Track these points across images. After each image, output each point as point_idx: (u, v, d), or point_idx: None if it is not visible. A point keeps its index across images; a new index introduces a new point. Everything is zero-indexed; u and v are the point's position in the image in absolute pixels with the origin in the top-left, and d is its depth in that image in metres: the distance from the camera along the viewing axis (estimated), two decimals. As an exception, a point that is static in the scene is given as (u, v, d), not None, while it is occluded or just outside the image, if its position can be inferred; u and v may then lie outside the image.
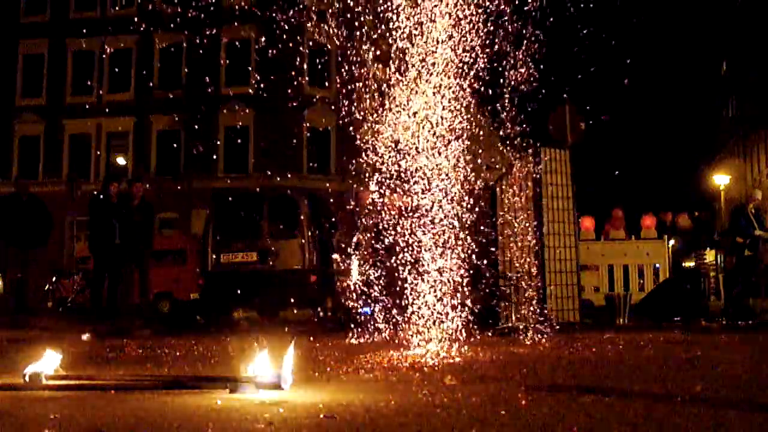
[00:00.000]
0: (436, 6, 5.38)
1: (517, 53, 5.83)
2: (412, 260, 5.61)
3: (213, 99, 30.57)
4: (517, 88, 5.86)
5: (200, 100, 30.11)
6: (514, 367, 4.06)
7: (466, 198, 5.50)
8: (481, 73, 5.50)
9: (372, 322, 6.50)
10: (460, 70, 5.43)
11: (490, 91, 5.68)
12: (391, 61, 5.53)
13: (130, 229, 9.78)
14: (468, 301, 5.37)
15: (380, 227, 5.89)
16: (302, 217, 10.92)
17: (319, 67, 30.82)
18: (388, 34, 5.51)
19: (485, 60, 5.49)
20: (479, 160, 5.62)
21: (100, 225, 9.84)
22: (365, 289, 6.18)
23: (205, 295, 11.46)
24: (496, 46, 5.56)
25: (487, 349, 5.23)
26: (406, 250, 5.61)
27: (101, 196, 9.95)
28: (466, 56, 5.42)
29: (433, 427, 2.29)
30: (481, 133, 5.83)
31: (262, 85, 29.72)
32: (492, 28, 5.48)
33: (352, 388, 3.18)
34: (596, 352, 5.15)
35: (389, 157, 5.65)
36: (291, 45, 29.01)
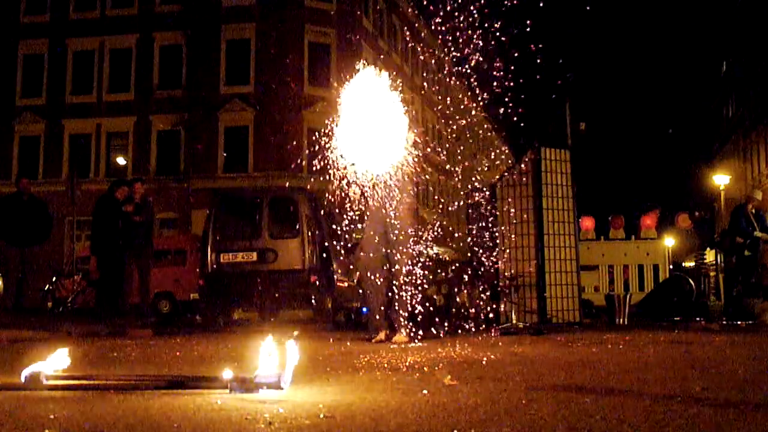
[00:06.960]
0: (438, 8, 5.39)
1: (518, 53, 5.84)
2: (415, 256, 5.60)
3: (213, 99, 30.57)
4: (518, 89, 5.87)
5: (200, 100, 30.10)
6: (514, 367, 4.06)
7: (467, 198, 5.51)
8: (481, 74, 5.51)
9: (373, 322, 6.49)
10: (461, 71, 5.44)
11: (491, 91, 5.68)
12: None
13: (131, 229, 9.81)
14: (468, 301, 5.37)
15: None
16: (302, 217, 10.92)
17: (319, 67, 30.83)
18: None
19: (486, 61, 5.50)
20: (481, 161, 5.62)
21: (104, 227, 9.86)
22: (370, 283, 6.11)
23: (205, 295, 11.45)
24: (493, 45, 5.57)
25: (487, 349, 5.22)
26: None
27: (107, 199, 9.97)
28: (465, 56, 5.43)
29: (433, 427, 2.29)
30: (482, 133, 5.83)
31: (262, 85, 29.75)
32: (492, 24, 5.49)
33: (352, 388, 3.18)
34: (596, 352, 5.15)
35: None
36: (291, 45, 29.10)
